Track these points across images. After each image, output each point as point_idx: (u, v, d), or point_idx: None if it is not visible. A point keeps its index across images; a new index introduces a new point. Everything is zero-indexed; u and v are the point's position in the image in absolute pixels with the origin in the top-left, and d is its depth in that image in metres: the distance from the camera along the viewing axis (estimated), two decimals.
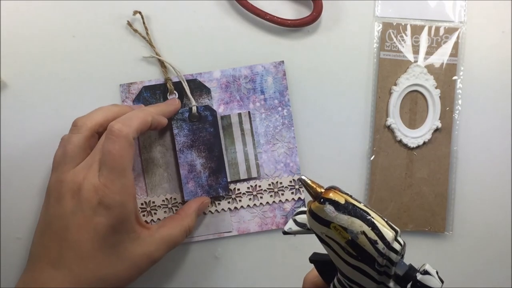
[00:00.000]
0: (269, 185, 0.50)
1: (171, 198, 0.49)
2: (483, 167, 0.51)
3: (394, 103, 0.50)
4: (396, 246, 0.32)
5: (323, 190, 0.33)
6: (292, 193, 0.50)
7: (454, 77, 0.51)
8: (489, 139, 0.51)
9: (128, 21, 0.50)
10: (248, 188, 0.50)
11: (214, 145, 0.49)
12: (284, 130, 0.50)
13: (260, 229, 0.50)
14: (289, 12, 0.51)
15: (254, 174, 0.49)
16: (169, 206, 0.49)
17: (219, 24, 0.50)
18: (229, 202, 0.49)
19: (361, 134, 0.51)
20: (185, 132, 0.48)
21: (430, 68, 0.50)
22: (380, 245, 0.31)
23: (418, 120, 0.50)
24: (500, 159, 0.51)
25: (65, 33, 0.50)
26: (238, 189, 0.50)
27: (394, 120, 0.50)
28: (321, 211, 0.33)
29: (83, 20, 0.50)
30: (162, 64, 0.49)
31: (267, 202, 0.50)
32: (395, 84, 0.50)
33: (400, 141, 0.50)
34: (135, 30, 0.49)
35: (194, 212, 0.47)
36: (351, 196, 0.33)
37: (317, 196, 0.33)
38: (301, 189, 0.50)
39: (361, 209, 0.32)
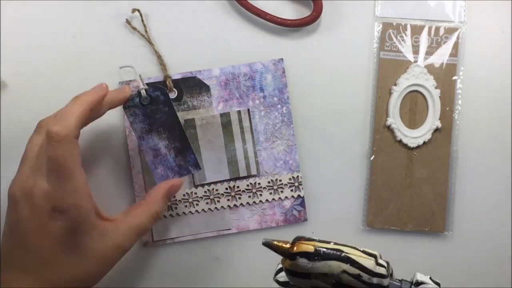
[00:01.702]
0: (269, 182, 0.50)
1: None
2: (483, 167, 0.51)
3: (394, 103, 0.50)
4: (381, 270, 0.32)
5: (289, 245, 0.33)
6: (292, 190, 0.50)
7: (454, 77, 0.51)
8: (489, 139, 0.51)
9: (127, 19, 0.50)
10: (248, 185, 0.50)
11: (173, 124, 0.47)
12: (284, 128, 0.50)
13: (260, 226, 0.50)
14: (289, 12, 0.51)
15: (253, 172, 0.49)
16: (168, 203, 0.49)
17: (219, 24, 0.50)
18: (228, 200, 0.49)
19: (361, 134, 0.51)
20: (140, 118, 0.46)
21: (430, 68, 0.50)
22: (365, 277, 0.31)
23: (418, 120, 0.50)
24: (500, 159, 0.51)
25: (65, 33, 0.50)
26: (238, 187, 0.50)
27: (394, 120, 0.50)
28: (296, 266, 0.32)
29: (82, 19, 0.50)
30: (161, 62, 0.49)
31: (267, 200, 0.50)
32: (395, 84, 0.50)
33: (400, 141, 0.50)
34: (134, 28, 0.50)
35: (162, 197, 0.45)
36: (318, 240, 0.33)
37: (286, 254, 0.33)
38: (300, 187, 0.50)
39: (333, 249, 0.32)
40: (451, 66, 0.50)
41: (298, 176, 0.50)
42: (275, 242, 0.33)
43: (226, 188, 0.49)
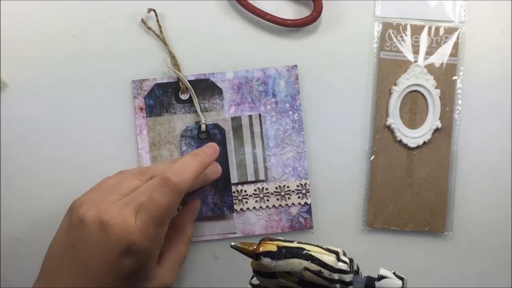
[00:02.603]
0: (276, 188, 0.50)
1: None
2: (483, 167, 0.51)
3: (394, 103, 0.50)
4: (342, 266, 0.32)
5: (254, 247, 0.34)
6: (299, 197, 0.50)
7: (454, 77, 0.51)
8: (489, 139, 0.51)
9: (142, 18, 0.50)
10: (255, 190, 0.50)
11: (222, 164, 0.48)
12: (294, 134, 0.50)
13: (265, 232, 0.50)
14: (289, 12, 0.51)
15: (261, 177, 0.49)
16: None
17: (218, 24, 0.50)
18: (235, 204, 0.49)
19: (361, 134, 0.51)
20: (193, 149, 0.48)
21: (430, 68, 0.50)
22: (326, 273, 0.32)
23: (418, 120, 0.50)
24: (500, 159, 0.51)
25: (65, 33, 0.50)
26: (245, 191, 0.49)
27: (394, 120, 0.50)
28: (261, 266, 0.34)
29: (90, 19, 0.50)
30: (175, 62, 0.49)
31: (273, 205, 0.50)
32: (395, 84, 0.50)
33: (400, 141, 0.50)
34: (149, 28, 0.50)
35: (188, 222, 0.46)
36: (282, 240, 0.34)
37: (252, 255, 0.34)
38: (308, 194, 0.50)
39: (295, 247, 0.33)
40: (451, 66, 0.50)
41: (306, 184, 0.50)
42: (241, 245, 0.35)
43: (234, 192, 0.49)
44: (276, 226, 0.50)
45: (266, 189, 0.50)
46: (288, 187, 0.50)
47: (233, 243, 0.36)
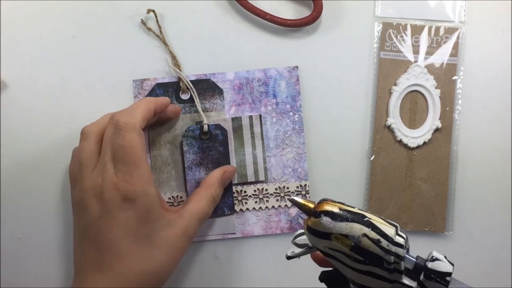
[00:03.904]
0: (276, 189, 0.50)
1: (177, 196, 0.49)
2: (483, 167, 0.51)
3: (394, 103, 0.50)
4: (399, 240, 0.32)
5: (315, 204, 0.34)
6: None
7: (454, 77, 0.51)
8: (489, 139, 0.51)
9: (142, 19, 0.50)
10: (255, 191, 0.50)
11: (223, 165, 0.49)
12: (294, 135, 0.50)
13: (264, 232, 0.50)
14: (289, 12, 0.51)
15: (261, 178, 0.49)
16: (175, 204, 0.49)
17: (218, 24, 0.50)
18: (234, 204, 0.49)
19: (361, 134, 0.51)
20: (194, 149, 0.48)
21: (430, 68, 0.50)
22: (384, 243, 0.32)
23: (418, 120, 0.50)
24: (500, 159, 0.51)
25: (65, 33, 0.50)
26: (245, 192, 0.49)
27: (394, 120, 0.50)
28: (318, 225, 0.33)
29: (90, 19, 0.50)
30: (175, 63, 0.49)
31: (273, 206, 0.50)
32: (395, 84, 0.50)
33: (400, 141, 0.50)
34: (149, 29, 0.50)
35: (217, 181, 0.47)
36: (344, 204, 0.34)
37: (311, 212, 0.33)
38: (307, 195, 0.49)
39: (357, 213, 0.33)
40: (451, 66, 0.50)
41: (306, 185, 0.50)
42: (302, 200, 0.34)
43: (233, 192, 0.49)
44: (276, 227, 0.50)
45: (266, 190, 0.50)
46: (288, 188, 0.50)
47: (292, 197, 0.35)
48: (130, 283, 0.40)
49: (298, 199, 0.34)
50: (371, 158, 0.50)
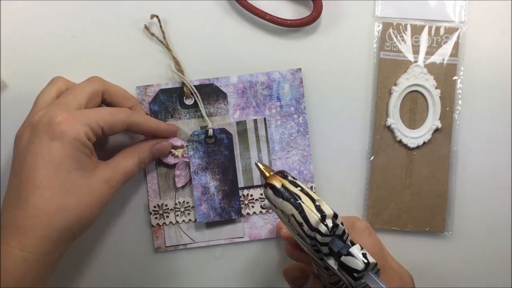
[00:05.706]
0: None
1: (183, 201, 0.49)
2: (483, 167, 0.51)
3: (394, 103, 0.50)
4: (322, 228, 0.34)
5: (269, 175, 0.37)
6: None
7: (454, 77, 0.51)
8: (489, 139, 0.51)
9: (145, 24, 0.50)
10: (261, 194, 0.49)
11: (229, 169, 0.49)
12: (299, 138, 0.50)
13: (272, 236, 0.50)
14: (289, 12, 0.51)
15: None
16: (182, 209, 0.49)
17: (218, 25, 0.50)
18: (241, 208, 0.49)
19: (361, 134, 0.51)
20: (200, 154, 0.48)
21: (430, 68, 0.50)
22: (305, 227, 0.34)
23: (418, 120, 0.50)
24: (500, 159, 0.51)
25: (65, 33, 0.50)
26: (251, 195, 0.49)
27: (394, 120, 0.50)
28: (266, 194, 0.37)
29: (91, 21, 0.50)
30: (179, 68, 0.49)
31: None
32: (395, 84, 0.50)
33: (400, 141, 0.50)
34: (152, 34, 0.49)
35: (147, 146, 0.47)
36: (292, 182, 0.36)
37: (264, 180, 0.37)
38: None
39: (294, 193, 0.35)
40: (451, 66, 0.50)
41: (312, 187, 0.50)
42: (263, 168, 0.38)
43: (240, 196, 0.49)
44: None
45: None
46: None
47: (258, 162, 0.39)
48: (43, 216, 0.39)
49: (260, 165, 0.38)
50: (371, 158, 0.50)
